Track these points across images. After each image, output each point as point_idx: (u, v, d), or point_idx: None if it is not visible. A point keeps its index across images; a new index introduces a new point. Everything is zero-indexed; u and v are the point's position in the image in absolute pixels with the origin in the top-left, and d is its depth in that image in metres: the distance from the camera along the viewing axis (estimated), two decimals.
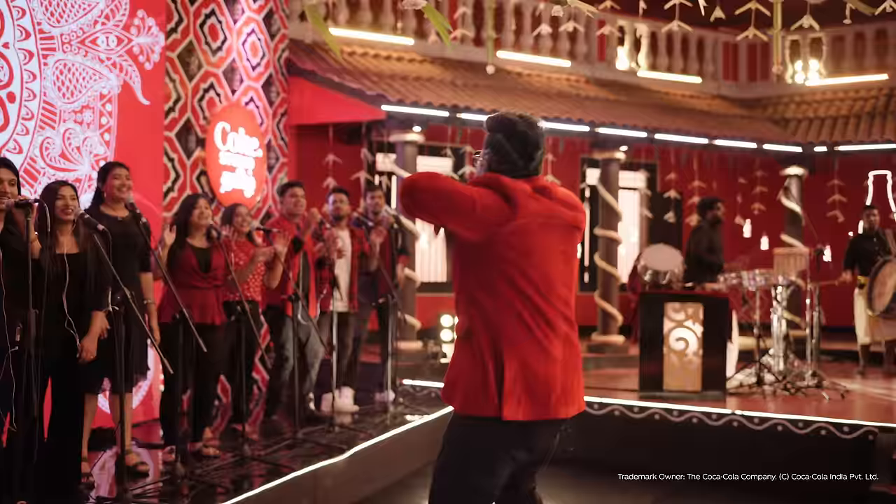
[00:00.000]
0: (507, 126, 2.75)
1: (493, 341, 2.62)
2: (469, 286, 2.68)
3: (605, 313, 10.20)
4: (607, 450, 7.44)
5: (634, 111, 10.90)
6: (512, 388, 2.59)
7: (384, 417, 7.33)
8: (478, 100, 9.45)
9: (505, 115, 2.80)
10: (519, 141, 2.73)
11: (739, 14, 7.83)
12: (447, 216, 2.65)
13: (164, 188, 7.38)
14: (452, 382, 2.73)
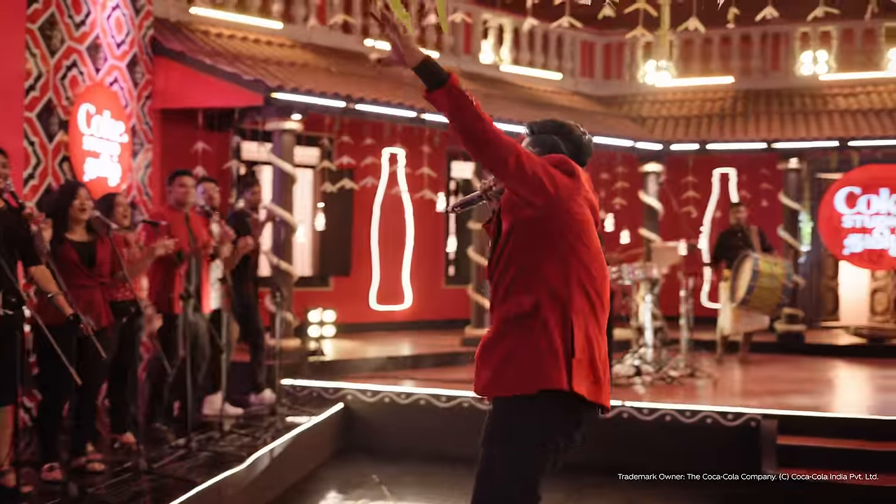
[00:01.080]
0: (565, 130, 2.92)
1: (562, 312, 2.65)
2: (533, 261, 2.69)
3: (479, 307, 10.17)
4: None
5: (506, 105, 10.93)
6: (581, 358, 2.65)
7: (272, 421, 6.97)
8: (361, 89, 9.14)
9: (560, 119, 2.96)
10: (574, 144, 2.90)
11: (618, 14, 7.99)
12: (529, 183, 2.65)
13: (24, 175, 6.66)
14: (501, 366, 2.72)
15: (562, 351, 2.63)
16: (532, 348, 2.65)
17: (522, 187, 2.66)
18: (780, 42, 12.92)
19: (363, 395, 7.92)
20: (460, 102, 2.56)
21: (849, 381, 9.56)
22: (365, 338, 10.66)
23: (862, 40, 12.56)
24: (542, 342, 2.64)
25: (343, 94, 8.69)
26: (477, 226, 10.24)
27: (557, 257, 2.68)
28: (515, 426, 2.68)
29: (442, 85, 2.56)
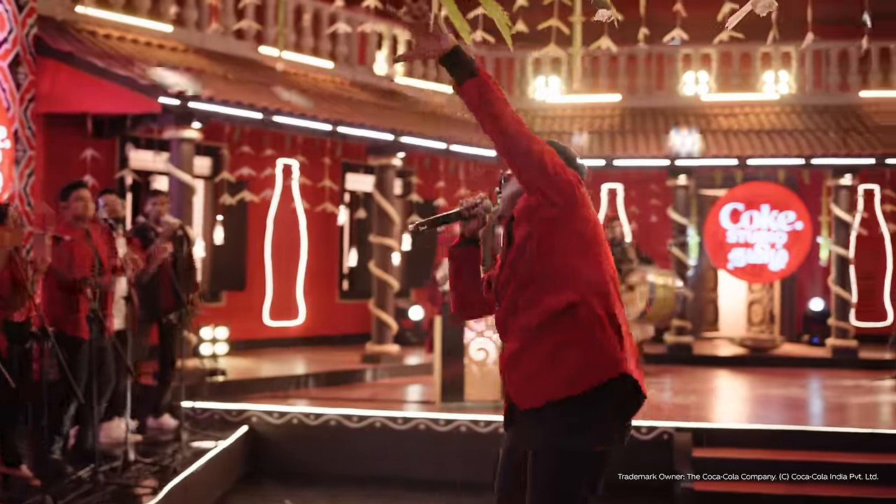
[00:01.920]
0: (559, 151, 2.76)
1: (602, 301, 2.59)
2: (565, 260, 2.60)
3: (381, 322, 9.97)
4: (410, 463, 7.25)
5: (404, 118, 10.79)
6: (626, 344, 2.59)
7: (177, 447, 6.56)
8: (262, 98, 8.80)
9: (552, 141, 2.81)
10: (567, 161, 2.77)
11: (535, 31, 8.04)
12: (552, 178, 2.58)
13: None
14: (554, 366, 2.55)
15: (612, 333, 2.56)
16: (578, 344, 2.54)
17: (545, 181, 2.55)
18: (664, 62, 13.34)
19: (270, 417, 7.59)
20: (491, 92, 2.44)
21: (744, 392, 9.88)
22: (259, 354, 10.28)
23: (739, 63, 13.13)
24: (589, 334, 2.54)
25: (246, 104, 8.34)
26: (377, 239, 10.04)
27: (589, 251, 2.61)
28: (583, 424, 2.54)
29: (474, 75, 2.42)
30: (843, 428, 7.04)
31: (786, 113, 12.77)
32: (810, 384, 10.01)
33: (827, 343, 11.61)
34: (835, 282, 11.35)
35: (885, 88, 12.74)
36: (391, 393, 8.75)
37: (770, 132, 12.15)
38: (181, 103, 7.82)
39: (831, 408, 8.65)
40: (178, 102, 7.80)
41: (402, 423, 7.40)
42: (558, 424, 2.53)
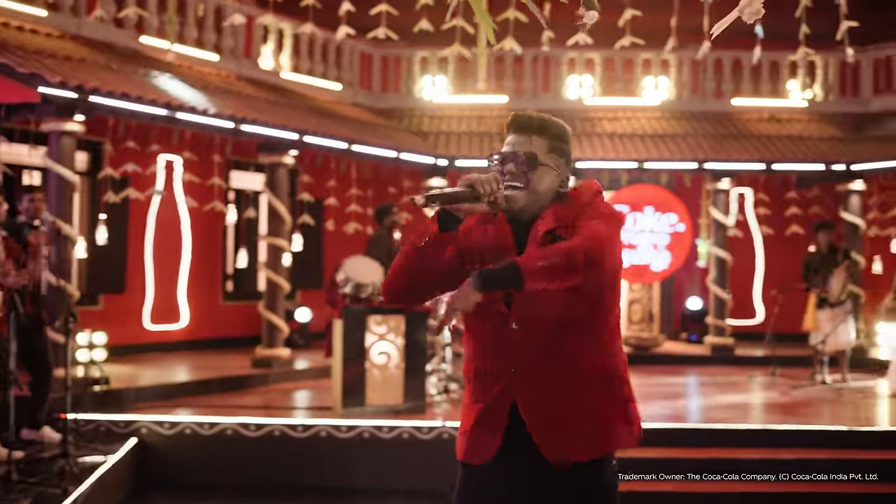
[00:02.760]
0: (567, 135, 2.53)
1: (623, 362, 2.47)
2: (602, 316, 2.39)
3: (271, 325, 9.65)
4: (312, 471, 7.04)
5: (290, 113, 10.48)
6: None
7: (63, 464, 6.11)
8: (147, 90, 8.33)
9: (558, 121, 2.53)
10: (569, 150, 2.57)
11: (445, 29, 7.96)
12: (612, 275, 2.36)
13: None
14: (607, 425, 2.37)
15: (633, 397, 2.48)
16: (620, 402, 2.41)
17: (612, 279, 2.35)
18: (550, 65, 13.52)
19: (160, 428, 7.20)
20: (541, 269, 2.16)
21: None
22: (140, 360, 9.77)
23: (622, 69, 13.46)
24: (624, 393, 2.42)
25: (134, 96, 7.87)
26: (269, 240, 9.71)
27: (614, 307, 2.44)
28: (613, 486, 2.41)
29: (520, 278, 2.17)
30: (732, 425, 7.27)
31: (666, 118, 13.17)
32: (693, 381, 10.35)
33: (705, 341, 12.04)
34: (713, 282, 11.78)
35: (755, 96, 13.34)
36: (286, 399, 8.48)
37: (653, 136, 12.51)
38: (63, 94, 7.30)
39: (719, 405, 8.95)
40: (59, 92, 7.28)
41: (301, 431, 7.17)
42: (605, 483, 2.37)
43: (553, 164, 2.42)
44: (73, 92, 7.36)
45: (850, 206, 11.78)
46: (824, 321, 9.36)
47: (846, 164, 11.63)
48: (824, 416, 7.92)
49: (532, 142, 2.41)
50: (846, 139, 12.57)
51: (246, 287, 11.71)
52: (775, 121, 13.13)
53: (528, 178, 2.37)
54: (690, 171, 11.89)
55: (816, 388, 9.22)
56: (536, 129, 2.43)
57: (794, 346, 10.83)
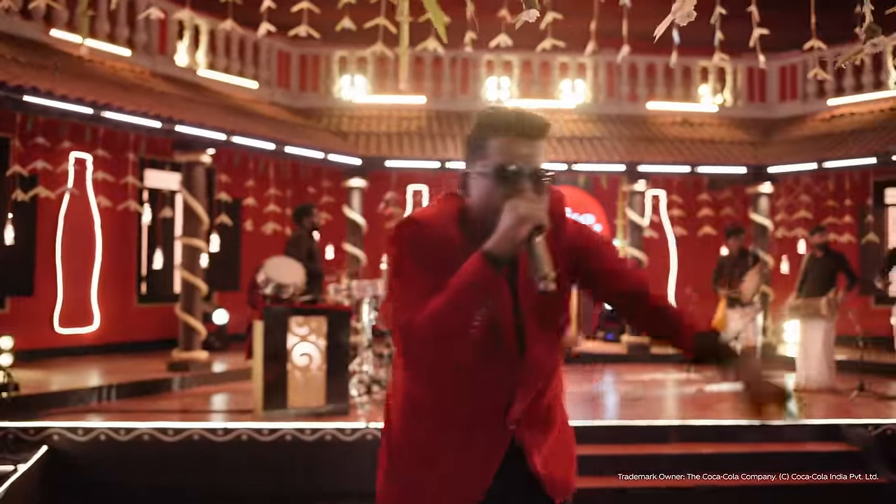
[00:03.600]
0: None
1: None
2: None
3: (188, 327, 9.43)
4: (234, 476, 6.90)
5: (207, 111, 10.27)
6: None
7: None
8: (61, 85, 8.04)
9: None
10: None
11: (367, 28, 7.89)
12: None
13: None
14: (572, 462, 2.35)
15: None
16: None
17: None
18: (469, 66, 13.59)
19: (73, 434, 6.95)
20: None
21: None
22: (50, 365, 9.43)
23: (539, 71, 13.62)
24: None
25: (42, 91, 7.59)
26: (186, 240, 9.49)
27: None
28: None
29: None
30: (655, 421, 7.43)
31: (583, 121, 13.38)
32: (609, 379, 10.54)
33: (622, 340, 12.27)
34: None
35: (668, 100, 13.68)
36: (205, 403, 8.30)
37: (570, 139, 12.69)
38: None
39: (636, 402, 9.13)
40: None
41: (222, 435, 7.02)
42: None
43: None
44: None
45: (759, 207, 12.17)
46: (734, 319, 9.65)
47: (754, 168, 12.02)
48: (737, 411, 8.15)
49: (540, 149, 2.08)
50: (755, 143, 12.99)
51: (161, 289, 11.43)
52: (688, 124, 13.48)
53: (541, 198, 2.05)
54: (607, 174, 12.11)
55: (728, 385, 9.47)
56: (544, 133, 2.09)
57: None
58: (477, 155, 2.08)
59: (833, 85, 13.05)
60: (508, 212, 1.94)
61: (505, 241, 1.92)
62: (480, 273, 1.91)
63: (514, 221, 1.92)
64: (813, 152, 11.83)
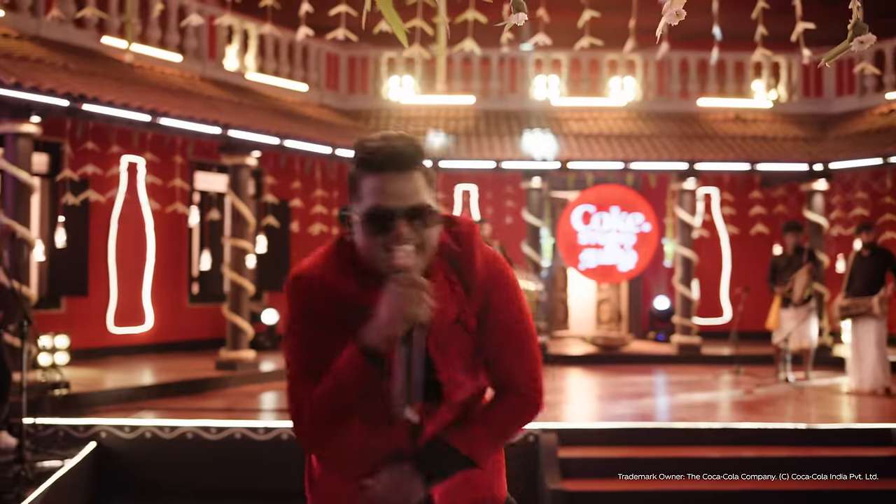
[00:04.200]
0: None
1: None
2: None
3: (236, 327, 9.58)
4: (273, 475, 6.99)
5: (255, 115, 10.42)
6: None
7: (18, 470, 6.03)
8: (106, 91, 8.24)
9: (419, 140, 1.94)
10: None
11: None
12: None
13: None
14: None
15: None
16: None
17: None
18: (517, 66, 13.54)
19: (120, 432, 7.12)
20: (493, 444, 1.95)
21: (599, 389, 10.13)
22: (103, 364, 9.67)
23: (588, 69, 13.51)
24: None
25: (90, 96, 7.78)
26: (233, 241, 9.63)
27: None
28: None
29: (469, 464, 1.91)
30: (698, 424, 7.30)
31: (632, 118, 13.23)
32: (658, 380, 10.40)
33: (672, 340, 12.10)
34: (679, 281, 11.84)
35: (720, 96, 13.44)
36: (249, 401, 8.42)
37: (619, 136, 12.55)
38: (18, 95, 7.21)
39: (681, 404, 8.99)
40: (14, 93, 7.19)
41: (263, 434, 7.12)
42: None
43: (434, 204, 1.85)
44: (28, 93, 7.26)
45: (814, 205, 11.89)
46: (787, 320, 9.44)
47: (810, 164, 11.74)
48: (787, 414, 7.98)
49: (416, 183, 1.80)
50: (811, 139, 12.69)
51: (211, 289, 11.62)
52: (741, 121, 13.23)
53: (423, 235, 1.80)
54: (657, 172, 11.95)
55: (780, 387, 9.29)
56: (417, 162, 1.81)
57: (761, 345, 10.92)
58: (355, 196, 1.82)
59: (892, 79, 12.68)
60: (386, 302, 1.72)
61: (378, 337, 1.73)
62: (358, 366, 1.75)
63: (390, 317, 1.71)
64: (873, 147, 11.50)
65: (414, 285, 1.72)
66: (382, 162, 1.77)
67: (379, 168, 1.77)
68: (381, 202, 1.76)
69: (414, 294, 1.71)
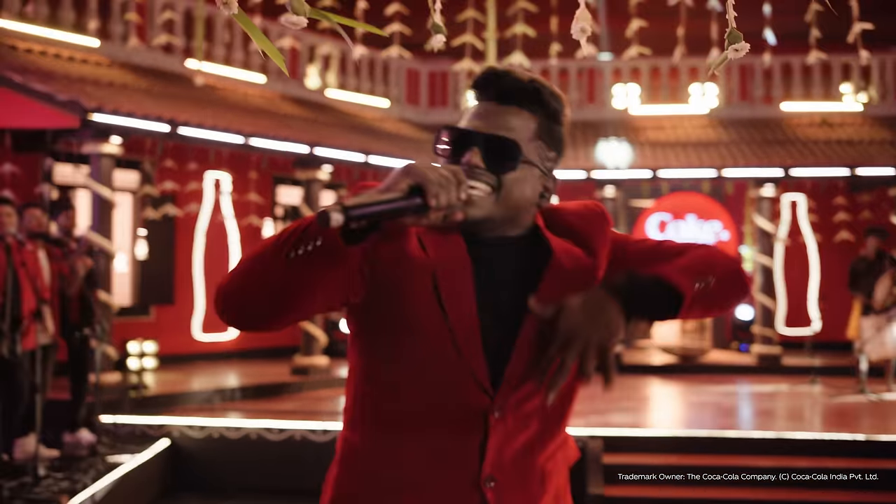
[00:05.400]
0: (565, 111, 1.72)
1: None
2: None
3: (308, 335, 10.00)
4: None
5: (334, 132, 10.86)
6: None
7: (92, 462, 6.56)
8: (184, 111, 8.81)
9: (555, 88, 1.68)
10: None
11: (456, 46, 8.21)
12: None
13: None
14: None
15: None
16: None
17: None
18: (595, 76, 13.59)
19: (190, 431, 7.59)
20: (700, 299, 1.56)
21: (663, 399, 10.10)
22: (189, 369, 10.25)
23: (668, 76, 13.43)
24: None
25: (166, 118, 8.35)
26: None
27: None
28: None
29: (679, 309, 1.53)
30: (741, 433, 7.24)
31: (713, 125, 13.07)
32: (726, 390, 10.25)
33: (752, 350, 11.88)
34: (759, 290, 11.63)
35: (806, 100, 13.13)
36: (318, 405, 8.79)
37: (696, 144, 12.43)
38: (100, 118, 7.81)
39: (728, 411, 8.89)
40: (96, 117, 7.79)
41: (321, 435, 7.45)
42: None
43: (539, 160, 1.59)
44: (109, 116, 7.85)
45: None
46: (867, 328, 9.17)
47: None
48: (855, 427, 7.77)
49: (514, 119, 1.56)
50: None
51: None
52: (827, 125, 12.89)
53: (502, 178, 1.53)
54: (733, 179, 11.78)
55: (855, 398, 9.03)
56: (525, 98, 1.58)
57: (844, 355, 10.62)
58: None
59: None
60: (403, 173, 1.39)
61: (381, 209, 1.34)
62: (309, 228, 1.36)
63: (399, 180, 1.37)
64: None
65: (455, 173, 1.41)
66: (483, 86, 1.58)
67: (479, 94, 1.58)
68: (461, 124, 1.55)
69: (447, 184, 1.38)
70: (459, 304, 1.51)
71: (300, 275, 1.38)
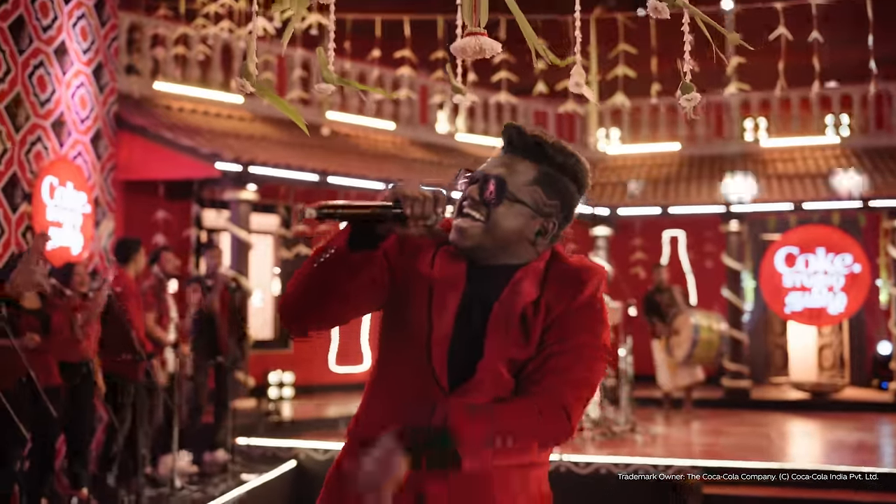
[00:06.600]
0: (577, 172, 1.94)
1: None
2: None
3: None
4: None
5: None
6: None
7: (223, 477, 7.27)
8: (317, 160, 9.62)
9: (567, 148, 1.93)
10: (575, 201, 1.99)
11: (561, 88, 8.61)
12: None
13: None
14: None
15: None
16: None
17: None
18: (723, 110, 13.57)
19: (315, 454, 8.20)
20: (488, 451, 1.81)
21: (785, 434, 9.93)
22: (324, 398, 10.95)
23: (798, 107, 13.24)
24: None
25: (295, 166, 9.15)
26: None
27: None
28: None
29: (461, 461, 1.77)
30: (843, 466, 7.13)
31: (846, 155, 12.77)
32: (849, 427, 9.96)
33: (890, 387, 11.45)
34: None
35: None
36: None
37: (826, 175, 12.19)
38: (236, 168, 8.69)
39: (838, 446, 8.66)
40: (233, 167, 8.66)
41: None
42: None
43: (531, 202, 1.85)
44: (243, 166, 8.72)
45: None
46: None
47: None
48: None
49: (516, 165, 1.87)
50: None
51: None
52: None
53: (491, 211, 1.83)
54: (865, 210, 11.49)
55: None
56: (527, 150, 1.88)
57: None
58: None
59: None
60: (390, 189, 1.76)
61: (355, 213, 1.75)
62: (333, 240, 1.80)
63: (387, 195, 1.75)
64: None
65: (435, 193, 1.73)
66: (502, 139, 1.93)
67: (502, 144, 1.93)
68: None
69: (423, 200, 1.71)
70: (441, 316, 1.84)
71: (327, 277, 1.78)
